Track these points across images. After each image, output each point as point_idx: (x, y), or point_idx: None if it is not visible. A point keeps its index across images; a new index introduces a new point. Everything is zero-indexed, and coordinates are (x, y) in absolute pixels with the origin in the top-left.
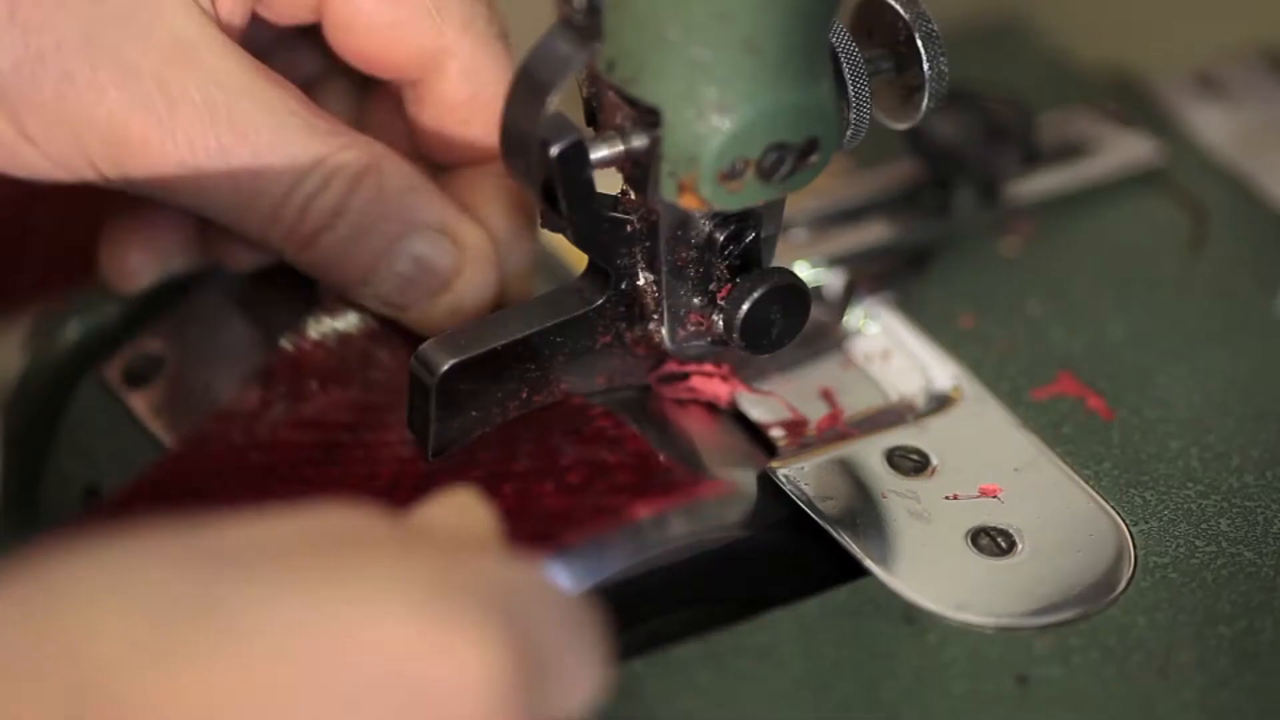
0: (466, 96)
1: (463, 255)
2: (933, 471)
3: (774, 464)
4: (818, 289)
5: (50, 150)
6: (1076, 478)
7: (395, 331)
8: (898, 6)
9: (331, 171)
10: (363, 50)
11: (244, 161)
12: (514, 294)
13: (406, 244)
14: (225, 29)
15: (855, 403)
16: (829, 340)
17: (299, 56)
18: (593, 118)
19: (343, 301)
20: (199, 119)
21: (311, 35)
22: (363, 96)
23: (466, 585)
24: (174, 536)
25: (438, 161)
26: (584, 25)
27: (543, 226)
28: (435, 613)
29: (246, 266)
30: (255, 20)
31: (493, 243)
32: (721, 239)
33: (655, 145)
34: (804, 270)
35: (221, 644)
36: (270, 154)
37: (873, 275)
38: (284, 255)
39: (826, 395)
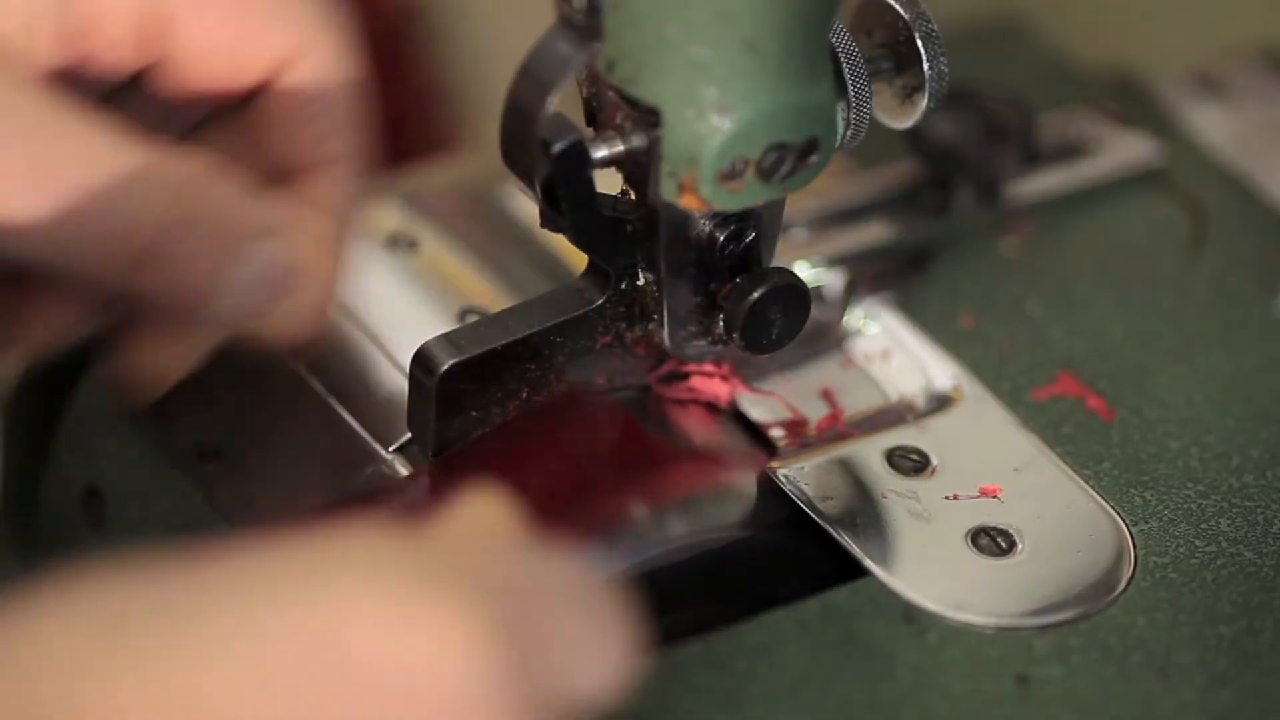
0: (314, 93)
1: (306, 254)
2: (933, 471)
3: (774, 464)
4: (818, 289)
5: None
6: (1076, 478)
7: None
8: (898, 6)
9: (155, 185)
10: (211, 72)
11: (64, 190)
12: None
13: (246, 249)
14: (47, 80)
15: (855, 403)
16: (829, 340)
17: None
18: (593, 118)
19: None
20: (10, 158)
21: (136, 87)
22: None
23: (449, 568)
24: (144, 570)
25: (284, 165)
26: (584, 25)
27: (543, 226)
28: (412, 591)
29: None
30: (76, 79)
31: (336, 234)
32: (721, 239)
33: (655, 145)
34: (804, 270)
35: (183, 638)
36: (92, 178)
37: (873, 275)
38: (122, 286)
39: (826, 395)
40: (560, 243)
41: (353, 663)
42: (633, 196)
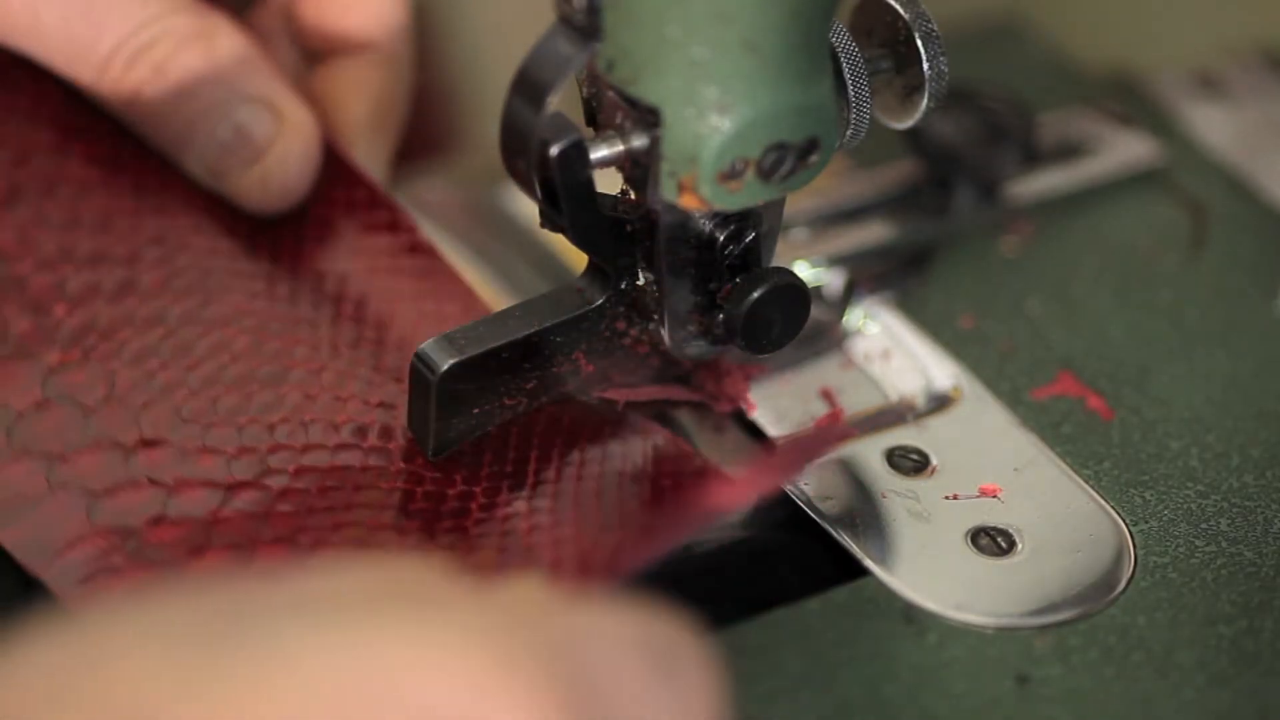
0: None
1: (281, 129)
2: (933, 471)
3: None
4: (818, 289)
5: None
6: (1076, 478)
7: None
8: (898, 6)
9: (162, 31)
10: None
11: (80, 9)
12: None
13: (228, 110)
14: None
15: (855, 403)
16: (829, 340)
17: None
18: (593, 118)
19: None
20: None
21: None
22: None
23: (522, 636)
24: (220, 584)
25: (314, 48)
26: (584, 25)
27: (542, 226)
28: (485, 660)
29: None
30: None
31: (349, 128)
32: (721, 239)
33: (655, 145)
34: (804, 270)
35: (259, 672)
36: (107, 7)
37: (873, 275)
38: (114, 111)
39: (826, 395)
40: (560, 243)
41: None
42: (633, 196)
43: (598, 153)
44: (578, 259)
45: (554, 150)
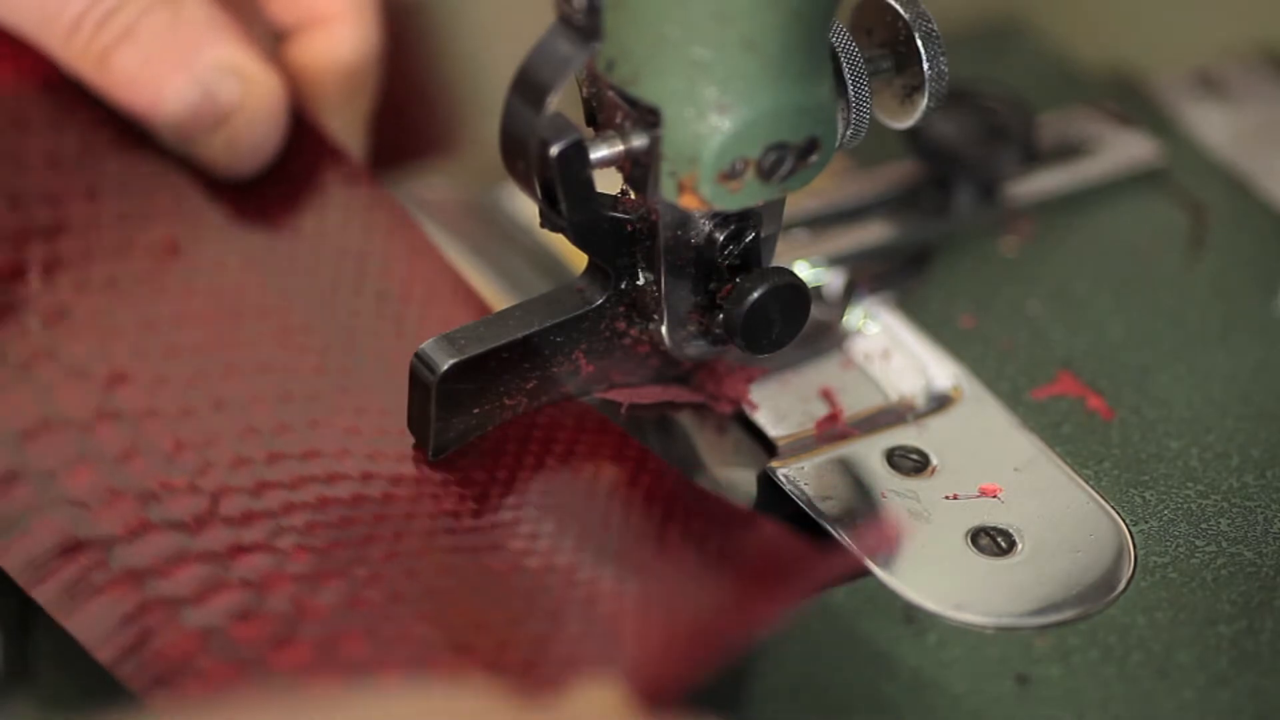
0: None
1: (247, 91)
2: (933, 471)
3: (774, 464)
4: (818, 289)
5: None
6: (1076, 478)
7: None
8: (898, 6)
9: None
10: None
11: None
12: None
13: (193, 73)
14: None
15: (855, 403)
16: (829, 340)
17: None
18: (593, 118)
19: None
20: None
21: None
22: None
23: None
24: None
25: (282, 22)
26: (584, 25)
27: (542, 226)
28: None
29: None
30: None
31: (321, 101)
32: (721, 239)
33: (655, 145)
34: (804, 270)
35: None
36: None
37: (873, 275)
38: (84, 78)
39: (826, 395)
40: (560, 243)
41: None
42: (633, 196)
43: (598, 153)
44: (578, 259)
45: (554, 150)
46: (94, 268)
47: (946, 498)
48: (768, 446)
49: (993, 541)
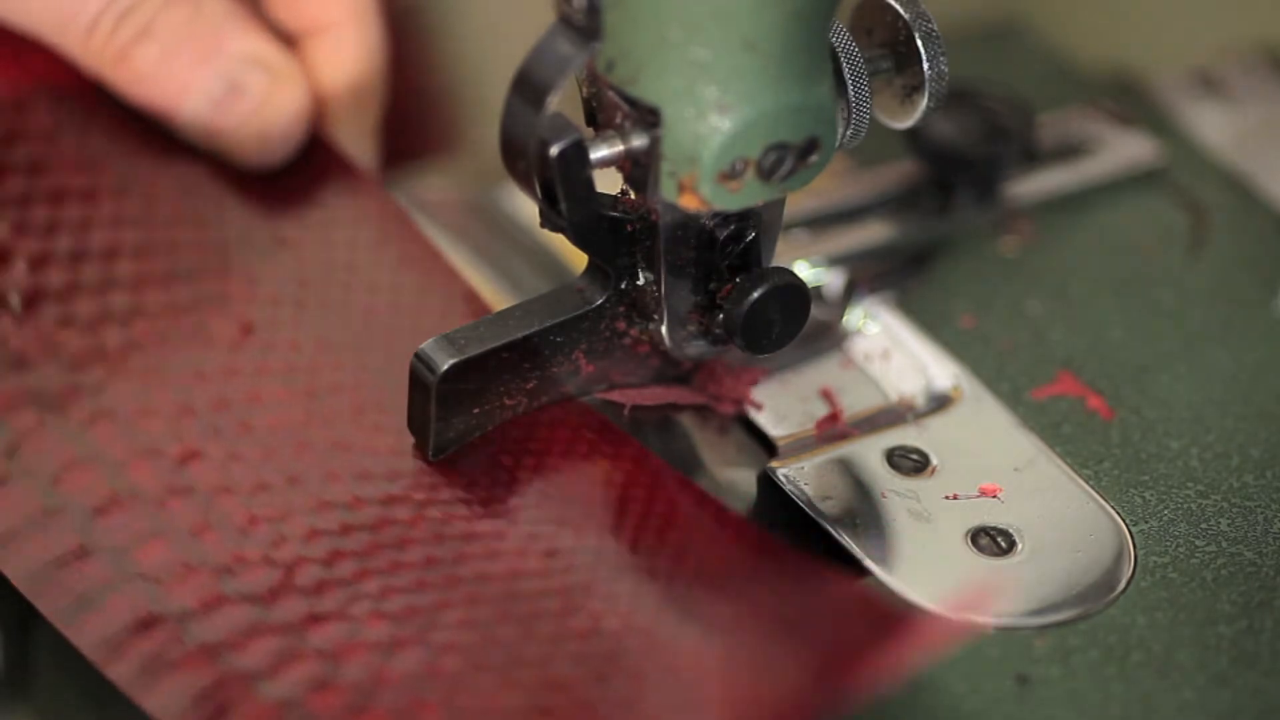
0: None
1: (272, 81)
2: (933, 471)
3: (774, 464)
4: (818, 289)
5: None
6: (1076, 478)
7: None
8: (898, 6)
9: None
10: None
11: None
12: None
13: (217, 66)
14: None
15: (855, 403)
16: (829, 340)
17: None
18: (593, 118)
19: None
20: None
21: None
22: None
23: None
24: None
25: (285, 31)
26: (584, 25)
27: (542, 226)
28: None
29: None
30: None
31: (329, 109)
32: (721, 239)
33: (655, 145)
34: (804, 270)
35: None
36: None
37: (873, 275)
38: (104, 78)
39: (826, 395)
40: (560, 243)
41: None
42: (633, 196)
43: (598, 153)
44: (578, 259)
45: (554, 150)
46: (170, 354)
47: (946, 498)
48: (768, 446)
49: (993, 541)
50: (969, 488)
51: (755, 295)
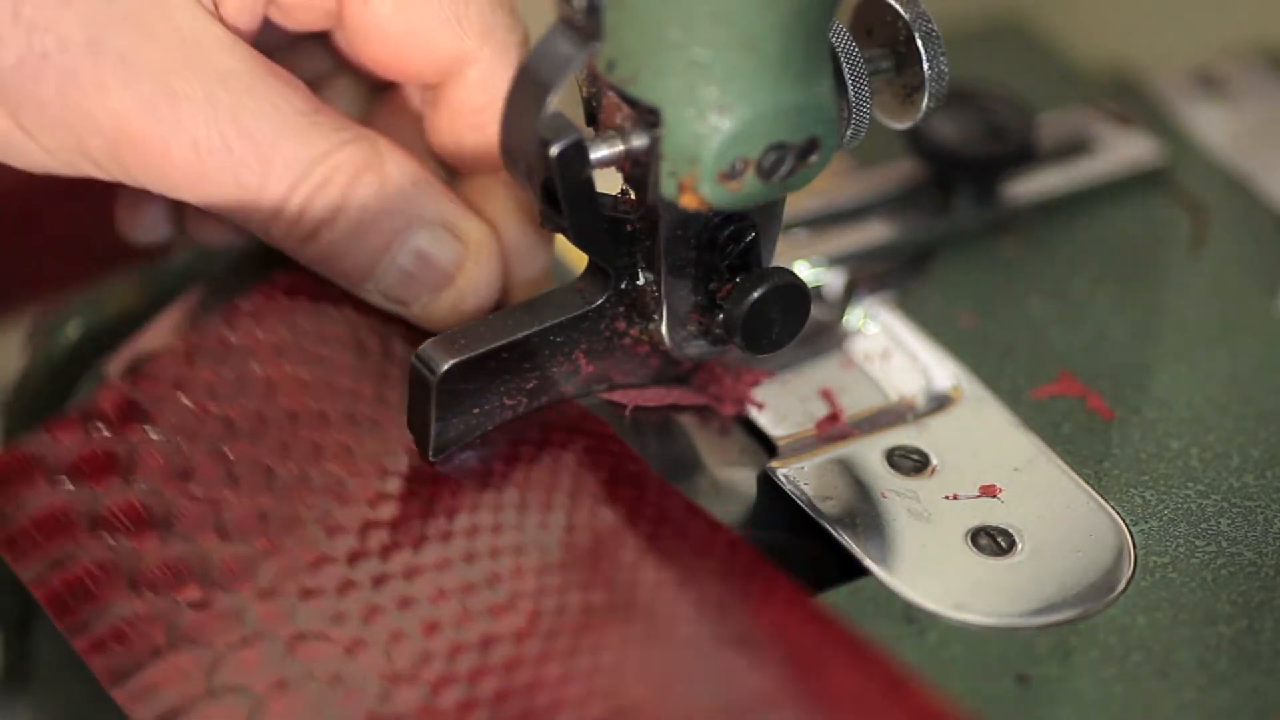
0: (483, 103)
1: (466, 251)
2: (933, 471)
3: (774, 464)
4: (818, 289)
5: (50, 145)
6: (1076, 478)
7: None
8: (898, 6)
9: (333, 168)
10: (379, 57)
11: (246, 159)
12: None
13: (408, 239)
14: (233, 29)
15: (855, 403)
16: (829, 340)
17: (309, 55)
18: (593, 118)
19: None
20: (202, 117)
21: (322, 36)
22: (373, 95)
23: None
24: None
25: (452, 166)
26: (584, 25)
27: (542, 226)
28: None
29: (219, 241)
30: (267, 23)
31: (504, 248)
32: (721, 239)
33: (655, 145)
34: (804, 270)
35: None
36: (273, 151)
37: (873, 275)
38: (287, 250)
39: (826, 395)
40: (560, 243)
41: None
42: (633, 196)
43: (598, 153)
44: (578, 259)
45: (554, 150)
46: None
47: (946, 498)
48: (768, 446)
49: (993, 541)
50: (969, 488)
51: (755, 295)
